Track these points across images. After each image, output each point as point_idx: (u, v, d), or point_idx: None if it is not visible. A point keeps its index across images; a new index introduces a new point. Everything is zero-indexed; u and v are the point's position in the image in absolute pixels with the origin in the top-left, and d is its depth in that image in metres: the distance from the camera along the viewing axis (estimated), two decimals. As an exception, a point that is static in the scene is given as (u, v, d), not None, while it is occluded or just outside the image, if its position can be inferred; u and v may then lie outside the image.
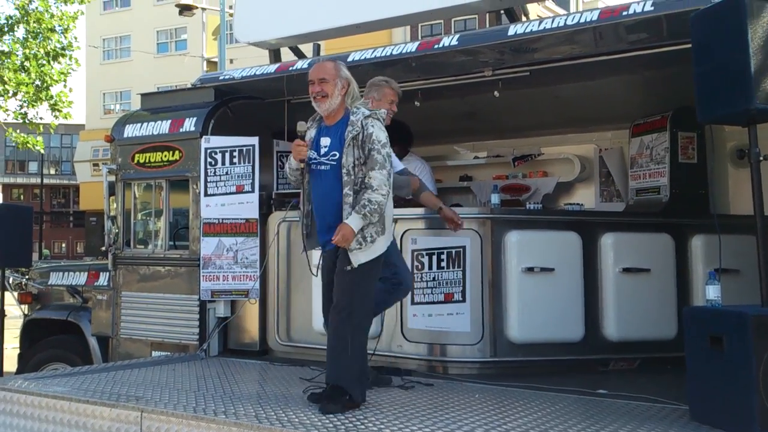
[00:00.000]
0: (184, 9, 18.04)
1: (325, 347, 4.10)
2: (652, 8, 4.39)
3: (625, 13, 4.48)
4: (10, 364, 7.30)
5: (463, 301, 5.04)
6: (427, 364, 5.16)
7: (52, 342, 6.90)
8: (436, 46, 5.22)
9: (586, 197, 6.94)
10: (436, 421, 3.67)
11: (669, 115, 5.92)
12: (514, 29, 4.92)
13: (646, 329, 5.25)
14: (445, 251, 5.10)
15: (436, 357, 5.15)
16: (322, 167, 4.02)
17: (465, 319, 5.03)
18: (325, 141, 4.04)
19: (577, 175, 7.03)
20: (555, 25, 4.75)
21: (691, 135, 5.92)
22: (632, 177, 6.26)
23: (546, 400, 4.24)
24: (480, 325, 5.03)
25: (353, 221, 3.84)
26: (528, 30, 4.84)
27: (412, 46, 5.37)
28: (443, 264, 5.10)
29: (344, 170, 3.89)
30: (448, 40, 5.19)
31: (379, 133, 3.94)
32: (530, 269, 5.05)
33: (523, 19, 5.50)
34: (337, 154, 3.96)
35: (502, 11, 5.45)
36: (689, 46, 3.78)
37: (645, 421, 3.75)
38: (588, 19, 4.62)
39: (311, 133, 4.13)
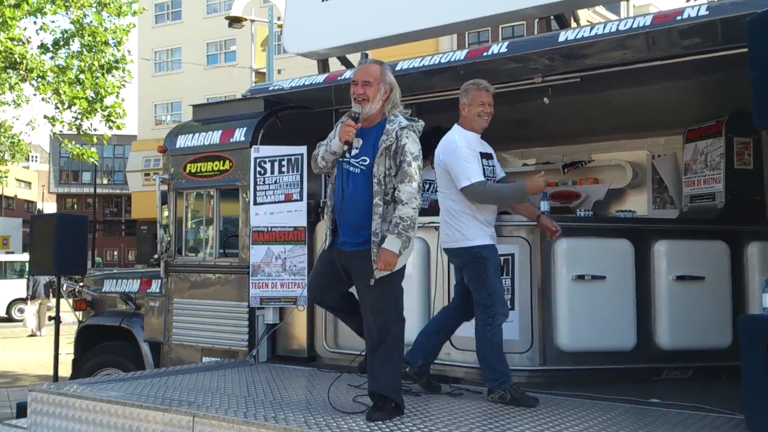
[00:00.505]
0: (234, 21, 18.29)
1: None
2: (707, 12, 4.32)
3: (679, 17, 4.41)
4: (65, 369, 7.48)
5: (512, 309, 4.99)
6: (475, 372, 5.11)
7: (105, 348, 7.05)
8: (485, 54, 5.21)
9: (638, 204, 6.83)
10: (485, 429, 3.64)
11: (724, 120, 5.79)
12: (564, 35, 4.89)
13: (700, 338, 5.15)
14: (494, 259, 5.06)
15: (485, 365, 5.11)
16: (352, 168, 3.96)
17: (514, 327, 4.98)
18: (357, 142, 3.95)
19: (629, 182, 6.92)
20: (607, 30, 4.70)
21: (746, 140, 5.78)
22: (686, 183, 6.14)
23: (597, 410, 4.17)
24: (529, 333, 4.98)
25: (392, 244, 3.76)
26: (579, 36, 4.80)
27: (460, 54, 5.36)
28: (492, 272, 5.05)
29: (375, 180, 3.83)
30: (497, 48, 5.18)
31: (412, 145, 3.87)
32: (581, 277, 4.99)
33: (573, 25, 5.45)
34: (368, 161, 3.89)
35: (552, 17, 5.41)
36: (745, 50, 3.70)
37: (699, 430, 3.68)
38: (641, 24, 4.56)
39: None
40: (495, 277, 4.45)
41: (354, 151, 3.97)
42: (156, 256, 6.70)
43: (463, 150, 4.46)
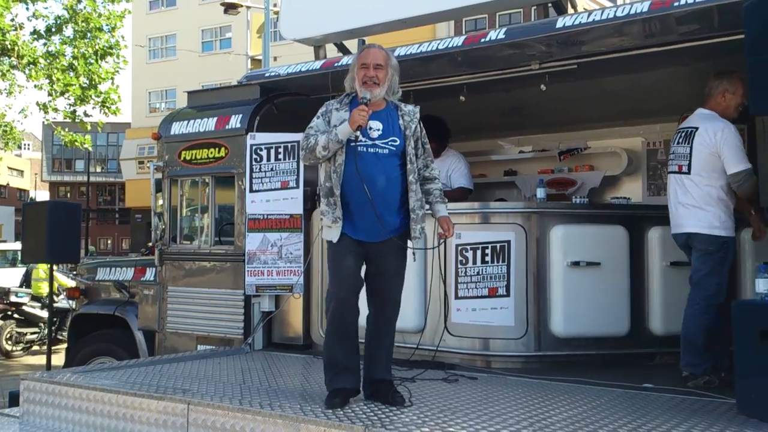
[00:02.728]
0: (229, 7, 18.22)
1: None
2: (704, -2, 4.30)
3: (676, 3, 4.40)
4: (58, 358, 7.47)
5: (507, 295, 5.01)
6: (470, 358, 5.14)
7: (99, 336, 7.04)
8: (482, 40, 5.19)
9: (633, 191, 6.82)
10: (480, 415, 3.65)
11: (719, 108, 5.79)
12: (562, 21, 4.88)
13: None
14: (490, 246, 5.08)
15: (479, 351, 5.14)
16: (379, 150, 3.87)
17: (509, 314, 5.01)
18: (376, 125, 3.89)
19: (624, 169, 6.91)
20: (604, 16, 4.69)
21: (741, 127, 5.75)
22: (681, 170, 6.12)
23: (591, 394, 4.20)
24: (524, 320, 5.00)
25: (446, 211, 4.05)
26: (577, 22, 4.79)
27: (458, 41, 5.34)
28: (487, 258, 5.07)
29: (408, 159, 3.89)
30: (495, 34, 5.16)
31: (423, 126, 4.07)
32: (576, 263, 5.00)
33: (571, 11, 5.43)
34: (398, 141, 3.89)
35: (549, 4, 5.39)
36: (741, 36, 3.71)
37: (692, 414, 3.70)
38: (638, 11, 4.54)
39: (342, 114, 3.93)
40: (727, 270, 4.52)
41: (376, 133, 3.89)
42: (149, 245, 6.68)
43: (737, 135, 4.47)
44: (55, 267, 7.81)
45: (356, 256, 3.88)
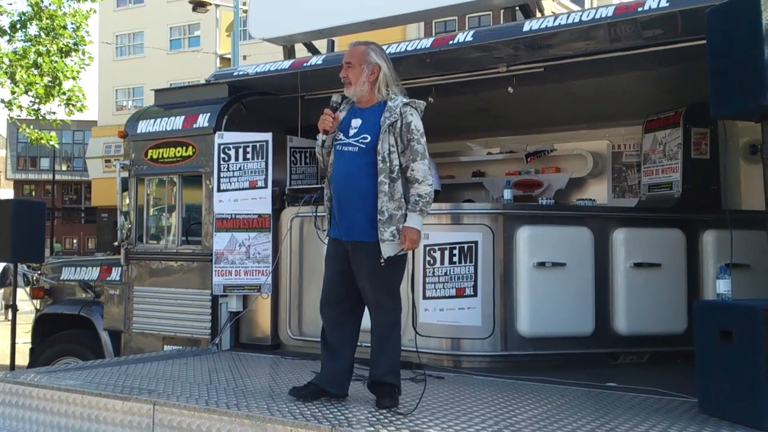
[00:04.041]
0: (198, 5, 18.06)
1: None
2: (668, 4, 4.40)
3: (640, 9, 4.49)
4: (22, 358, 7.35)
5: (475, 295, 5.05)
6: (438, 357, 5.17)
7: (64, 336, 6.95)
8: (451, 42, 5.23)
9: (598, 193, 6.94)
10: (447, 413, 3.69)
11: (682, 111, 5.91)
12: (529, 25, 4.94)
13: (656, 323, 5.26)
14: (458, 246, 5.11)
15: (447, 351, 5.17)
16: (349, 148, 3.86)
17: (476, 314, 5.05)
18: (356, 122, 3.88)
19: (589, 171, 7.02)
20: (570, 21, 4.76)
21: (704, 131, 5.90)
22: (645, 173, 6.24)
23: (555, 393, 4.26)
24: (491, 320, 5.05)
25: (415, 222, 3.74)
26: (543, 26, 4.85)
27: (426, 42, 5.38)
28: (455, 259, 5.11)
29: (379, 157, 3.75)
30: (463, 36, 5.21)
31: (418, 122, 3.83)
32: (542, 264, 5.06)
33: (538, 15, 5.49)
34: (369, 138, 3.81)
35: (517, 7, 5.45)
36: (704, 42, 3.78)
37: (654, 413, 3.76)
38: (603, 15, 4.62)
39: (341, 115, 3.95)
40: None
41: (352, 131, 3.88)
42: (116, 243, 6.61)
43: None
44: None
45: (339, 260, 3.91)
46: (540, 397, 4.15)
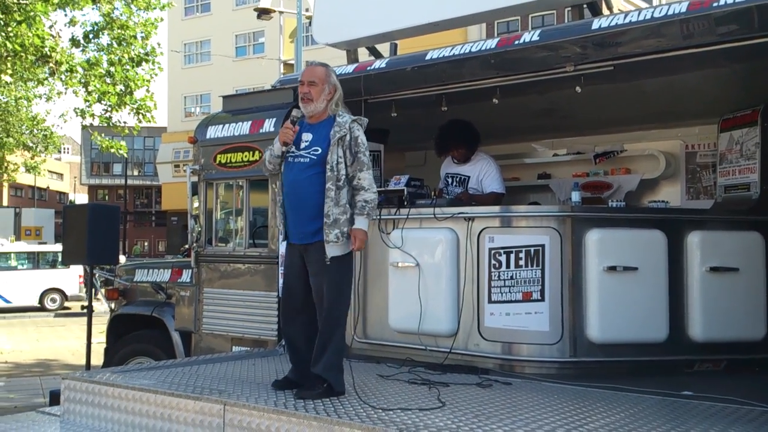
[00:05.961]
0: (262, 13, 18.35)
1: (401, 345, 4.10)
2: (743, -1, 4.23)
3: (715, 4, 4.33)
4: (97, 358, 7.58)
5: (542, 300, 4.96)
6: (504, 363, 5.10)
7: (137, 337, 7.14)
8: (516, 42, 5.16)
9: (671, 195, 6.74)
10: (516, 420, 3.62)
11: (760, 109, 5.68)
12: (598, 23, 4.83)
13: (734, 330, 5.07)
14: (524, 249, 5.03)
15: (513, 356, 5.08)
16: (301, 159, 4.26)
17: (544, 319, 4.95)
18: (307, 137, 4.29)
19: (662, 172, 6.83)
20: (641, 17, 4.63)
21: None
22: (721, 173, 6.03)
23: (628, 402, 4.14)
24: (559, 325, 4.94)
25: (362, 223, 4.19)
26: (613, 23, 4.74)
27: (491, 43, 5.31)
28: (521, 262, 5.03)
29: (328, 166, 4.15)
30: (529, 36, 5.12)
31: (362, 136, 4.28)
32: (612, 268, 4.93)
33: (606, 12, 5.38)
34: (320, 150, 4.21)
35: (584, 5, 5.34)
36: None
37: (732, 423, 3.63)
38: (676, 11, 4.48)
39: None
40: None
41: (303, 144, 4.29)
42: (186, 246, 6.75)
43: None
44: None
45: (296, 265, 4.33)
46: (612, 405, 4.04)
